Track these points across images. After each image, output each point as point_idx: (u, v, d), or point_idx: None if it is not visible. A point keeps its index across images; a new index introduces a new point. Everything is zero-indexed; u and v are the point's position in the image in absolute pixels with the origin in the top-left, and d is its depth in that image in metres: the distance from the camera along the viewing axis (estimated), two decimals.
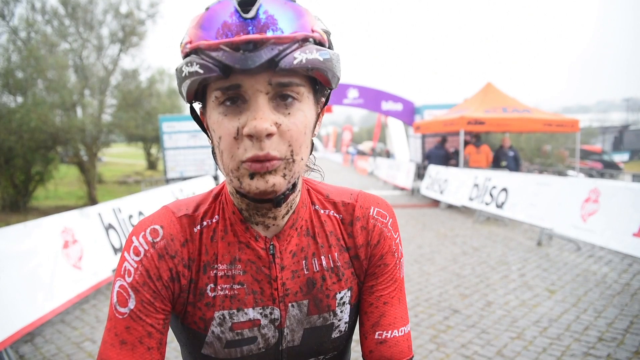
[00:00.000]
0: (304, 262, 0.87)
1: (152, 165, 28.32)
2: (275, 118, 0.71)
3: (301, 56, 0.68)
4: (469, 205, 9.71)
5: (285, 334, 0.86)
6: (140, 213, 6.46)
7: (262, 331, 0.85)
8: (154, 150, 27.77)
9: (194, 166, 14.15)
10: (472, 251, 6.73)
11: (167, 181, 13.70)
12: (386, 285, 0.90)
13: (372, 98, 15.97)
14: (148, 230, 0.81)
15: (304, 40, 0.69)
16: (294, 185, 0.82)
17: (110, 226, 5.55)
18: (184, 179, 12.55)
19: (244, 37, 0.66)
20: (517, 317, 4.16)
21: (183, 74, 0.71)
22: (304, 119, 0.74)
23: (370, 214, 0.91)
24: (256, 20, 0.67)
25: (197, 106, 0.82)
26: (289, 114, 0.72)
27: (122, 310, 0.77)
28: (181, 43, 0.73)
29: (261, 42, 0.66)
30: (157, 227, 0.82)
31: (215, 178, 12.50)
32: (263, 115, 0.69)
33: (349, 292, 0.90)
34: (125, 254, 0.80)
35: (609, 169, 19.37)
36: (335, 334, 0.90)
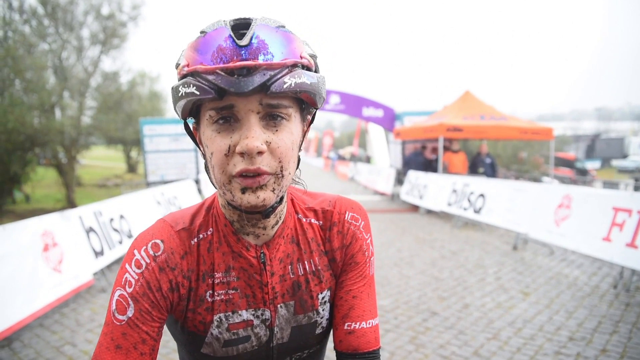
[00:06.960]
0: (289, 267, 0.95)
1: (132, 168, 27.99)
2: (266, 137, 0.77)
3: (290, 80, 0.74)
4: (447, 211, 9.91)
5: (275, 332, 0.95)
6: (122, 217, 6.42)
7: (254, 330, 0.94)
8: (134, 153, 27.44)
9: (175, 170, 14.04)
10: (450, 255, 6.89)
11: (148, 184, 13.57)
12: (355, 281, 0.99)
13: (353, 104, 16.16)
14: (150, 244, 0.87)
15: (294, 65, 0.75)
16: (281, 198, 0.90)
17: (91, 229, 5.52)
18: (165, 182, 12.46)
19: (238, 63, 0.71)
20: (493, 319, 4.31)
21: (179, 94, 0.76)
22: (292, 136, 0.81)
23: (346, 218, 1.00)
24: (249, 45, 0.72)
25: (190, 122, 0.89)
26: (277, 131, 0.78)
27: (120, 317, 0.82)
28: (178, 64, 0.79)
29: (254, 67, 0.72)
30: (158, 241, 0.88)
31: (197, 182, 12.43)
32: (254, 134, 0.75)
33: (329, 291, 0.99)
34: (127, 266, 0.85)
35: (582, 176, 20.00)
36: (318, 330, 1.00)
